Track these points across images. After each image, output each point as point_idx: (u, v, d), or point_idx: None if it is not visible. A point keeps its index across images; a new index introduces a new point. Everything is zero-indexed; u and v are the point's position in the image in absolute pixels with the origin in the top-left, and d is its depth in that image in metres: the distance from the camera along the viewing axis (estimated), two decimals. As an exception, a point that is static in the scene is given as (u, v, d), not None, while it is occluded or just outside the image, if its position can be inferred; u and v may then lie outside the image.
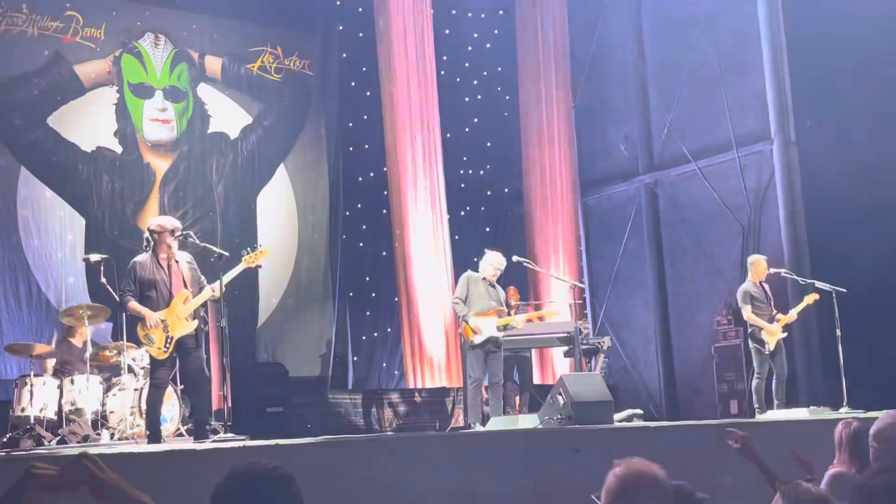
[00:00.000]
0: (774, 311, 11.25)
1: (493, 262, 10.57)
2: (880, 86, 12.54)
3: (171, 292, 8.21)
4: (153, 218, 9.34)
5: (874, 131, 12.50)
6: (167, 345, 8.12)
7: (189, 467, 5.73)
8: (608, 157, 16.00)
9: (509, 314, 10.69)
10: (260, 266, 8.83)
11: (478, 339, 10.26)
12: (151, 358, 8.29)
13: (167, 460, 6.00)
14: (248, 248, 8.66)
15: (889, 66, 12.52)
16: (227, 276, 8.38)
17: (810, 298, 11.28)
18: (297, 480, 2.80)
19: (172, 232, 8.29)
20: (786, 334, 11.21)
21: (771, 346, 11.04)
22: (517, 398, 11.71)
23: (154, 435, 8.13)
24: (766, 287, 11.35)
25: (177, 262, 8.33)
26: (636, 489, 3.06)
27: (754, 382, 11.15)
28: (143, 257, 8.27)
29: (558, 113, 15.68)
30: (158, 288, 8.21)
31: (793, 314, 11.29)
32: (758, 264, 11.38)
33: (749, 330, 11.29)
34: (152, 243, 8.28)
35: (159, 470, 5.73)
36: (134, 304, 8.16)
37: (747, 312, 11.13)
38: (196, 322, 8.29)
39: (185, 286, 8.28)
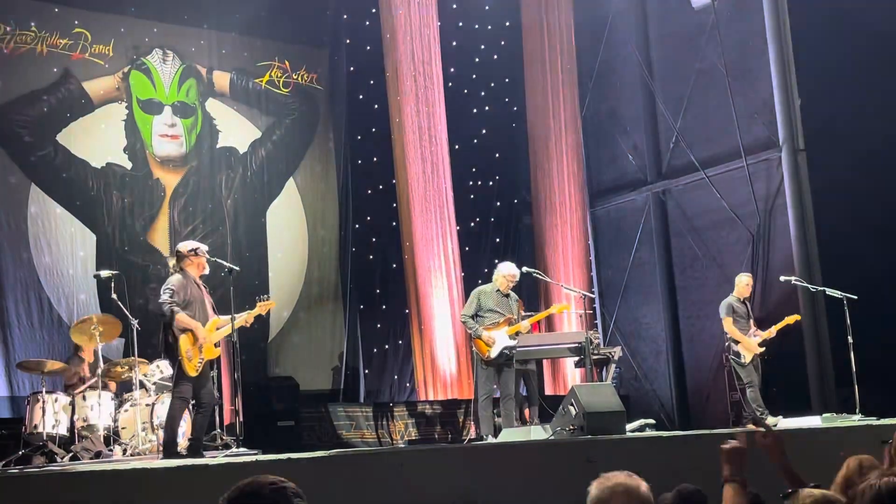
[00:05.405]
0: (753, 328, 11.65)
1: (505, 273, 10.72)
2: (888, 91, 12.52)
3: (207, 314, 8.46)
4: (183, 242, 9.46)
5: (882, 137, 12.49)
6: (200, 363, 8.30)
7: (202, 482, 5.73)
8: (616, 167, 16.01)
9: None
10: (265, 314, 9.08)
11: (493, 353, 10.32)
12: (179, 371, 8.35)
13: (180, 475, 6.01)
14: (260, 297, 9.00)
15: (896, 72, 12.51)
16: (239, 319, 8.64)
17: (791, 319, 11.63)
18: (304, 495, 2.79)
19: (195, 251, 8.59)
20: (763, 349, 11.51)
21: (747, 359, 11.46)
22: (527, 410, 11.68)
23: (171, 446, 8.21)
24: (748, 305, 11.81)
25: (205, 286, 8.62)
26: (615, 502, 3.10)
27: (749, 393, 11.46)
28: (179, 277, 8.45)
29: (566, 123, 15.66)
30: (196, 308, 8.43)
31: (772, 331, 11.60)
32: (738, 282, 11.82)
33: (726, 343, 11.71)
34: (180, 264, 8.50)
35: (172, 485, 5.74)
36: (184, 317, 8.29)
37: (728, 324, 11.55)
38: (219, 350, 8.50)
39: (214, 312, 8.56)
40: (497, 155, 15.99)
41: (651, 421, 10.36)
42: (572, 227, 15.52)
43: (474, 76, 15.87)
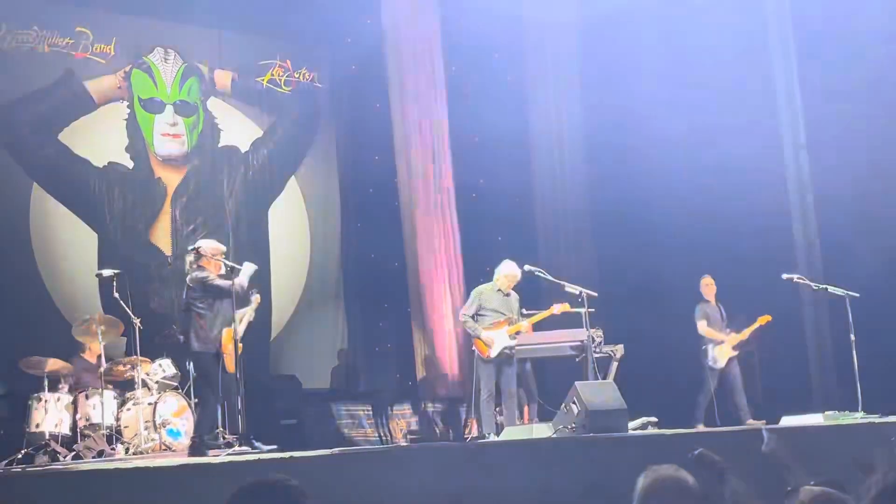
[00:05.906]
0: (728, 331, 11.72)
1: (506, 273, 10.70)
2: (890, 90, 12.51)
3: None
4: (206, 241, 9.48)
5: (885, 134, 12.48)
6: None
7: (205, 481, 5.74)
8: (619, 166, 15.97)
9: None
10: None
11: (493, 353, 10.31)
12: (223, 371, 8.59)
13: (183, 474, 6.02)
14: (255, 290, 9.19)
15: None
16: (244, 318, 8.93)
17: (762, 320, 11.64)
18: (308, 493, 2.79)
19: (197, 250, 8.90)
20: (737, 352, 11.65)
21: (721, 362, 11.55)
22: (526, 408, 11.67)
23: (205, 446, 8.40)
24: (721, 308, 11.88)
25: None
26: (662, 494, 3.13)
27: (701, 396, 11.66)
28: (206, 272, 8.73)
29: (569, 121, 15.64)
30: (226, 304, 8.80)
31: (745, 333, 11.67)
32: (702, 285, 11.95)
33: (703, 347, 11.73)
34: (197, 262, 8.65)
35: (175, 483, 5.74)
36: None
37: (702, 327, 11.67)
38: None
39: None
40: (499, 153, 15.94)
41: (653, 419, 10.35)
42: (575, 226, 15.49)
43: (476, 74, 15.82)
